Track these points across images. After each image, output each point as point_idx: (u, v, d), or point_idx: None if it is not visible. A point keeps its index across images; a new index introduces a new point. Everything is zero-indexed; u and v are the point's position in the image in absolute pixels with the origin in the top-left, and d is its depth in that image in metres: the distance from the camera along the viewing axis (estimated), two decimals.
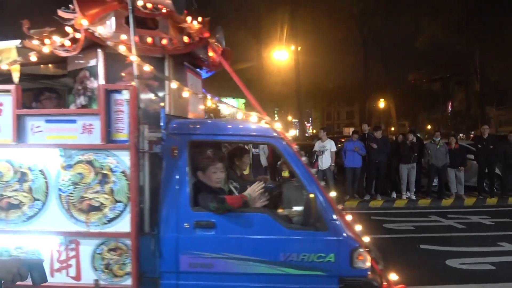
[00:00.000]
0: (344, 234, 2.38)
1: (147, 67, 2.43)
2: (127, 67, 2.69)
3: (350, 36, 18.97)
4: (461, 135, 14.41)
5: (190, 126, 2.62)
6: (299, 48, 20.12)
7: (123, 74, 2.66)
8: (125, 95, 2.35)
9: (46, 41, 2.67)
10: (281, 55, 20.93)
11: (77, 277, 2.44)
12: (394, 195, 9.12)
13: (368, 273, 2.39)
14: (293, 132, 2.66)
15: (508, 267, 4.56)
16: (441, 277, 4.32)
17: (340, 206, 2.50)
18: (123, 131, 2.40)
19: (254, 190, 2.50)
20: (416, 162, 8.91)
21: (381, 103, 19.03)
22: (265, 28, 21.42)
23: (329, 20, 18.73)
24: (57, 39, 2.43)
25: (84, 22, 2.40)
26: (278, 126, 2.53)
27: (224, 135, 2.62)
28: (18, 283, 1.39)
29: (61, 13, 2.85)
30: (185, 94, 2.56)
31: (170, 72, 2.78)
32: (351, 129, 10.01)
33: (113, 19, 2.65)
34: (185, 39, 2.73)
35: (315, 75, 22.88)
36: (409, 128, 13.57)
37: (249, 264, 2.39)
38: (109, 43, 2.43)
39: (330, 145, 8.64)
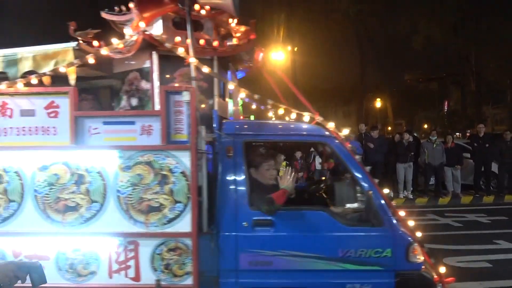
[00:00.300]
0: (400, 230, 2.46)
1: (206, 69, 2.46)
2: (178, 68, 2.72)
3: (346, 37, 19.20)
4: (457, 134, 14.79)
5: (245, 126, 2.66)
6: (295, 49, 20.24)
7: (174, 75, 2.69)
8: (186, 96, 2.37)
9: (95, 42, 2.68)
10: (277, 56, 20.98)
11: (136, 278, 2.45)
12: (391, 194, 9.22)
13: (422, 266, 2.48)
14: (346, 131, 2.70)
15: (504, 265, 4.63)
16: None
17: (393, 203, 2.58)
18: (182, 132, 2.42)
19: (288, 179, 2.48)
20: (412, 161, 8.95)
21: (378, 103, 19.34)
22: (261, 29, 21.46)
23: (325, 21, 18.91)
24: (115, 41, 2.43)
25: (142, 24, 2.42)
26: (331, 125, 2.59)
27: (278, 135, 2.67)
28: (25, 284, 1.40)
29: (105, 15, 2.86)
30: (242, 95, 2.60)
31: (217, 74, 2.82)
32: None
33: (160, 21, 2.68)
34: (235, 41, 2.77)
35: (312, 76, 23.06)
36: (405, 127, 13.83)
37: (307, 261, 2.44)
38: (167, 45, 2.44)
39: None
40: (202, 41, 2.61)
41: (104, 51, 2.42)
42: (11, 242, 2.46)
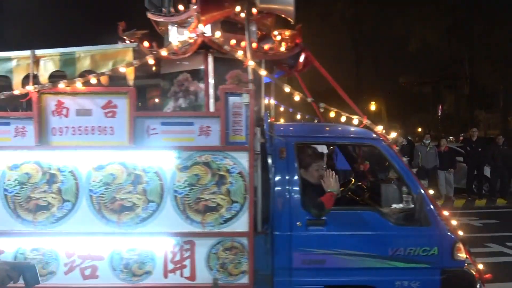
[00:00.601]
0: (446, 229, 2.58)
1: (264, 72, 2.51)
2: (229, 71, 2.76)
3: (341, 39, 19.42)
4: (451, 137, 15.27)
5: (296, 129, 2.72)
6: None
7: (225, 77, 2.72)
8: (245, 98, 2.41)
9: (145, 43, 2.69)
10: None
11: (192, 277, 2.47)
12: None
13: (465, 264, 2.61)
14: (394, 135, 2.80)
15: (496, 268, 4.80)
16: None
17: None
18: (240, 134, 2.46)
19: (333, 182, 2.53)
20: None
21: (373, 106, 19.71)
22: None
23: (321, 23, 19.09)
24: (174, 42, 2.45)
25: (201, 26, 2.44)
26: (379, 128, 2.69)
27: (327, 137, 2.75)
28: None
29: (151, 15, 2.88)
30: (297, 98, 2.66)
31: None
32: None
33: (209, 24, 2.71)
34: (283, 45, 2.83)
35: (307, 78, 23.26)
36: (400, 130, 14.18)
37: (359, 259, 2.52)
38: (226, 47, 2.48)
39: (321, 148, 8.65)
40: (254, 45, 2.66)
41: (164, 52, 2.43)
42: (64, 242, 2.44)
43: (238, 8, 2.46)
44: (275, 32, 2.96)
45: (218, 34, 2.48)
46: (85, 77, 2.37)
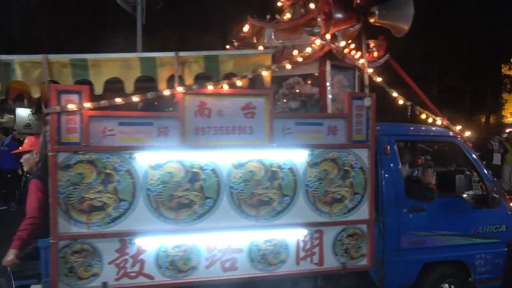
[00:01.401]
0: (510, 210, 3.19)
1: (379, 79, 2.85)
2: (335, 76, 3.05)
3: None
4: None
5: (396, 128, 3.12)
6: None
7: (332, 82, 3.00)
8: (367, 101, 2.73)
9: (260, 47, 2.87)
10: None
11: (320, 263, 2.73)
12: None
13: None
14: (468, 133, 3.34)
15: None
16: None
17: None
18: (361, 132, 2.77)
19: (431, 175, 3.05)
20: None
21: None
22: (233, 29, 21.31)
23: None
24: (308, 49, 2.66)
25: (328, 36, 2.69)
26: (458, 128, 3.20)
27: (420, 136, 3.19)
28: None
29: (253, 20, 3.05)
30: (401, 102, 3.03)
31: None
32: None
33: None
34: (375, 54, 3.19)
35: None
36: None
37: (450, 238, 3.02)
38: (348, 56, 2.76)
39: None
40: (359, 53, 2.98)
41: (300, 58, 2.64)
42: (205, 238, 2.53)
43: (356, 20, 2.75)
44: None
45: (343, 43, 2.74)
46: (229, 80, 2.48)
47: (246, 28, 3.26)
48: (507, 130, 11.79)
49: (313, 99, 3.00)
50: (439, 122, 3.19)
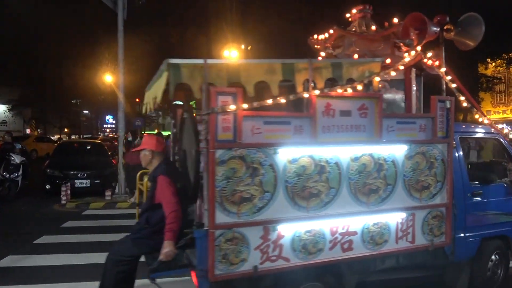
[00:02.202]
0: None
1: (454, 84, 3.38)
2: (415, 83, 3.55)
3: (299, 37, 20.32)
4: None
5: (458, 126, 3.70)
6: (249, 47, 20.63)
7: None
8: (447, 104, 3.26)
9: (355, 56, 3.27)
10: (231, 54, 20.94)
11: (412, 241, 3.21)
12: None
13: None
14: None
15: None
16: None
17: None
18: (443, 130, 3.29)
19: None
20: None
21: None
22: (215, 26, 21.09)
23: (278, 21, 19.66)
24: (407, 59, 3.10)
25: (419, 48, 3.16)
26: (499, 126, 3.87)
27: (475, 132, 3.81)
28: None
29: (341, 31, 3.46)
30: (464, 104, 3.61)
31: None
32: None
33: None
34: (437, 63, 3.74)
35: None
36: None
37: (499, 217, 3.69)
38: (435, 68, 3.26)
39: None
40: (437, 63, 3.49)
41: (401, 67, 3.07)
42: (329, 223, 2.86)
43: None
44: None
45: (429, 54, 3.22)
46: (351, 84, 2.84)
47: (326, 35, 3.63)
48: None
49: (397, 101, 3.46)
50: (486, 121, 3.84)
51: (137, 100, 27.24)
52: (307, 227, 2.80)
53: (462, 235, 3.52)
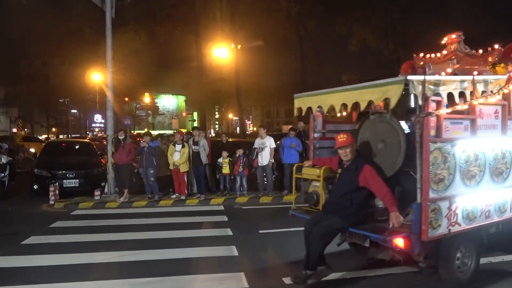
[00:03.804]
0: None
1: None
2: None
3: (288, 36, 20.80)
4: None
5: None
6: (238, 46, 20.93)
7: None
8: None
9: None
10: (221, 53, 21.12)
11: None
12: None
13: None
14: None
15: None
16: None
17: None
18: None
19: None
20: None
21: None
22: (205, 25, 21.14)
23: (268, 20, 19.93)
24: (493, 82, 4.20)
25: (510, 68, 4.29)
26: None
27: None
28: None
29: (461, 53, 4.53)
30: None
31: None
32: (289, 127, 10.76)
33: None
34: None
35: (255, 74, 23.99)
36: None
37: None
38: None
39: (269, 142, 8.93)
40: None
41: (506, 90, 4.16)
42: (479, 198, 3.85)
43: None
44: None
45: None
46: (489, 95, 3.87)
47: (438, 54, 4.65)
48: None
49: None
50: None
51: (126, 99, 26.33)
52: (470, 202, 3.77)
53: None
